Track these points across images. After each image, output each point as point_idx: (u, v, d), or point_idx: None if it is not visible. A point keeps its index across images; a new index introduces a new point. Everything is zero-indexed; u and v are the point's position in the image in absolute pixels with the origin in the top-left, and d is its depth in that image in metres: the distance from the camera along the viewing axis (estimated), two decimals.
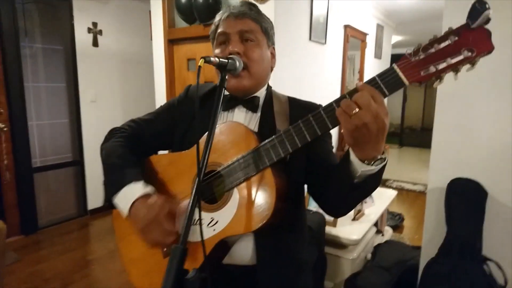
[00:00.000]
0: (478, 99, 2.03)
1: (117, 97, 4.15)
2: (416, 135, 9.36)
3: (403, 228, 3.71)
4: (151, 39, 3.17)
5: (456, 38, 0.63)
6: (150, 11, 3.14)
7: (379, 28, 4.81)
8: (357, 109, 0.64)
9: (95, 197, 3.96)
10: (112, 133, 1.04)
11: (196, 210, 0.69)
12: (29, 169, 3.41)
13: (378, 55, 4.98)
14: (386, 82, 0.68)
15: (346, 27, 3.66)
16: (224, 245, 0.89)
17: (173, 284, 0.64)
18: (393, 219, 3.69)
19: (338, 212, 0.98)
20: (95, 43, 3.82)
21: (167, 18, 2.99)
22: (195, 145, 0.76)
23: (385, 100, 0.74)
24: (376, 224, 2.94)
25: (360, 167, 0.73)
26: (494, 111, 1.98)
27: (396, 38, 6.62)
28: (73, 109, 3.78)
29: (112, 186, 0.92)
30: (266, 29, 0.99)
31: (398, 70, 0.67)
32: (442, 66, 0.64)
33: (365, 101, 0.64)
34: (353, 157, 0.74)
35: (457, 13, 2.01)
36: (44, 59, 3.53)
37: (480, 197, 1.96)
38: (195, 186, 0.70)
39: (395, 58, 0.70)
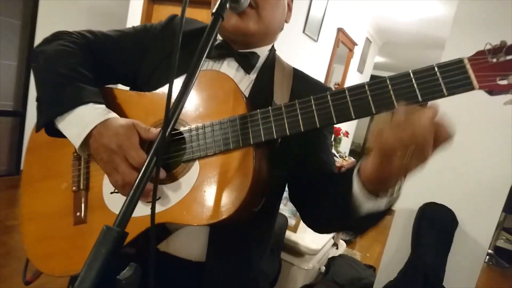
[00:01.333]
0: (467, 124, 1.95)
1: None
2: None
3: (355, 244, 3.66)
4: None
5: None
6: None
7: (367, 42, 4.77)
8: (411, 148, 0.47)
9: None
10: (58, 36, 0.76)
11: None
12: None
13: (360, 69, 4.94)
14: (447, 77, 0.50)
15: (339, 30, 3.55)
16: (163, 229, 0.69)
17: (95, 281, 0.39)
18: (348, 233, 3.62)
19: (319, 230, 0.80)
20: None
21: None
22: (166, 87, 0.56)
23: None
24: (332, 236, 2.84)
25: (366, 204, 0.55)
26: (481, 139, 1.91)
27: (378, 59, 6.67)
28: (24, 53, 3.30)
29: (59, 103, 0.65)
30: None
31: (468, 66, 0.49)
32: None
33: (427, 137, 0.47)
34: (358, 188, 0.56)
35: (461, 40, 1.93)
36: None
37: (451, 226, 1.88)
38: (156, 142, 0.46)
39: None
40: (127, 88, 0.84)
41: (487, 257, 3.99)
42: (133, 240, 0.60)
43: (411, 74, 0.51)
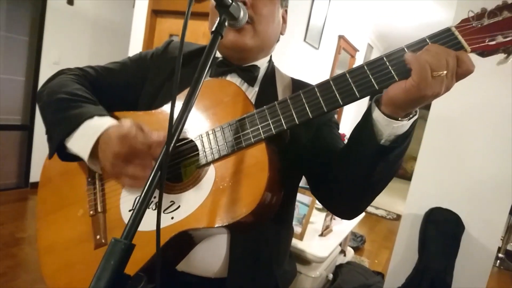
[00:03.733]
0: (469, 128, 1.96)
1: (83, 64, 3.73)
2: None
3: (363, 251, 3.63)
4: (133, 7, 2.88)
5: None
6: None
7: (369, 48, 4.79)
8: (445, 71, 0.49)
9: (40, 169, 3.52)
10: (59, 73, 0.80)
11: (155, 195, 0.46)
12: None
13: None
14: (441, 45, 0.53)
15: (341, 37, 3.57)
16: (183, 243, 0.67)
17: None
18: (355, 240, 3.60)
19: (358, 204, 0.70)
20: (70, 1, 3.44)
21: None
22: (169, 104, 0.58)
23: None
24: (340, 243, 2.82)
25: (390, 124, 0.56)
26: (485, 143, 1.91)
27: None
28: (31, 68, 3.37)
29: (65, 125, 0.67)
30: None
31: (457, 33, 0.53)
32: None
33: (454, 65, 0.51)
34: (378, 114, 0.56)
35: None
36: (8, 6, 3.11)
37: (458, 230, 1.87)
38: (160, 156, 0.48)
39: None
40: None
41: (498, 261, 3.93)
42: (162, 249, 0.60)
43: (405, 49, 0.55)
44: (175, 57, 0.84)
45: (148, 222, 0.48)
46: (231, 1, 0.63)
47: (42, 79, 3.39)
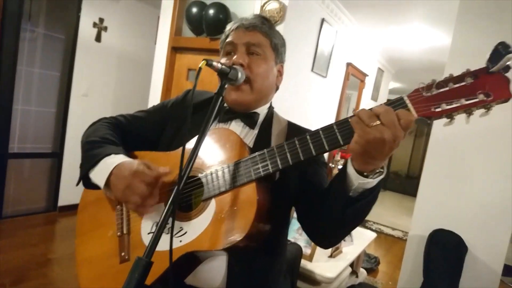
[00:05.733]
0: (471, 151, 2.04)
1: (110, 95, 4.07)
2: (401, 181, 9.41)
3: (377, 272, 3.64)
4: (155, 44, 3.15)
5: (473, 80, 0.61)
6: (159, 16, 3.14)
7: (380, 72, 4.93)
8: (378, 122, 0.61)
9: (67, 193, 3.78)
10: (96, 121, 1.01)
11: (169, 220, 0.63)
12: (5, 153, 3.26)
13: (374, 97, 5.06)
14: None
15: (349, 64, 3.73)
16: (190, 261, 0.82)
17: None
18: (369, 261, 3.62)
19: (331, 238, 0.87)
20: (98, 38, 3.78)
21: (175, 25, 2.99)
22: (181, 148, 0.72)
23: None
24: (352, 265, 2.87)
25: (357, 179, 0.68)
26: (486, 165, 1.99)
27: (393, 84, 6.78)
28: (62, 100, 3.67)
29: (90, 160, 0.86)
30: (276, 45, 0.96)
31: (408, 101, 0.64)
32: (455, 105, 0.61)
33: (390, 118, 0.61)
34: (350, 168, 0.69)
35: (458, 66, 2.06)
36: (43, 45, 3.46)
37: (460, 252, 1.93)
38: (173, 194, 0.65)
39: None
40: None
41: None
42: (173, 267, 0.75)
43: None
44: (193, 105, 1.02)
45: (162, 244, 0.64)
46: (229, 69, 0.80)
47: (72, 110, 3.70)
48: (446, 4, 2.56)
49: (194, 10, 2.75)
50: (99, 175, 0.84)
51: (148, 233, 0.84)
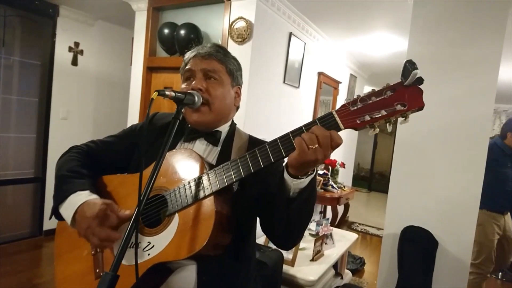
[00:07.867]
0: (433, 149, 2.17)
1: (89, 117, 4.11)
2: (386, 181, 9.61)
3: (363, 272, 3.73)
4: (131, 64, 3.23)
5: (391, 93, 0.71)
6: (133, 38, 3.23)
7: (352, 77, 5.10)
8: (316, 145, 0.71)
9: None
10: (68, 150, 1.08)
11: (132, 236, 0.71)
12: None
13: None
14: (324, 125, 0.74)
15: (320, 74, 3.87)
16: (159, 272, 0.88)
17: None
18: (354, 262, 3.71)
19: (286, 237, 0.94)
20: (74, 62, 3.83)
21: (149, 46, 3.08)
22: (149, 167, 0.80)
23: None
24: (335, 267, 2.96)
25: (292, 182, 0.79)
26: (447, 162, 2.12)
27: (368, 88, 6.99)
28: (42, 125, 3.70)
29: (59, 196, 0.94)
30: (231, 70, 1.05)
31: (336, 116, 0.74)
32: (376, 116, 0.71)
33: (326, 141, 0.72)
34: (286, 174, 0.80)
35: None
36: (19, 72, 3.49)
37: (431, 247, 2.04)
38: (134, 215, 0.73)
39: None
40: None
41: (500, 273, 3.98)
42: (142, 278, 0.83)
43: (303, 127, 0.76)
44: (159, 127, 1.10)
45: (131, 259, 0.72)
46: (184, 95, 0.89)
47: (52, 134, 3.72)
48: (402, 11, 2.73)
49: (166, 31, 2.85)
50: (65, 211, 0.92)
51: None
